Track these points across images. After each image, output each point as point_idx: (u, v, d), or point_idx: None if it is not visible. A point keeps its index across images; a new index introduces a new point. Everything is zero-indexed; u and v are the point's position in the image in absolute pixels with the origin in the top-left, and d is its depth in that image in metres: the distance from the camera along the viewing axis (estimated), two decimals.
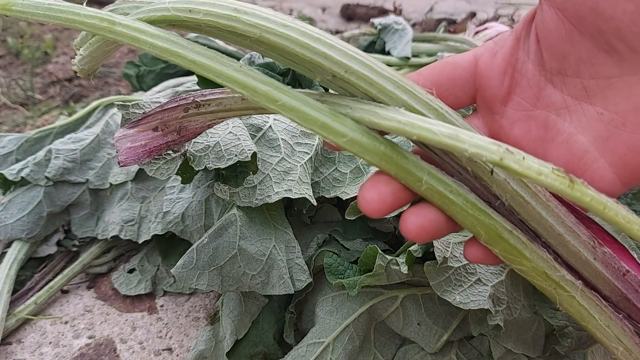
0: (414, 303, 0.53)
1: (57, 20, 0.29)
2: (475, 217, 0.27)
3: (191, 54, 0.27)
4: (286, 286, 0.53)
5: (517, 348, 0.50)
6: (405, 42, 1.17)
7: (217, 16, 0.26)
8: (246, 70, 0.26)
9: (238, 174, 0.51)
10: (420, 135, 0.24)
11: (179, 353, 0.62)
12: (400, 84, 0.27)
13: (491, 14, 2.03)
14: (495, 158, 0.22)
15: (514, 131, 0.30)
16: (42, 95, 1.28)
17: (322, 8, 2.26)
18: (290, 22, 0.26)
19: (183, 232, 0.61)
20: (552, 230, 0.28)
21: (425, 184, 0.27)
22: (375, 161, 0.26)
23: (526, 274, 0.28)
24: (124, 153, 0.36)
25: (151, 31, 0.27)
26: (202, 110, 0.34)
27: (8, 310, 0.65)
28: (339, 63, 0.26)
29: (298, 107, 0.25)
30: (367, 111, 0.26)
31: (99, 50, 0.32)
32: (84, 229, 0.75)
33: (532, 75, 0.29)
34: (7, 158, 0.81)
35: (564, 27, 0.26)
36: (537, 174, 0.22)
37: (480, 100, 0.32)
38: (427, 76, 0.31)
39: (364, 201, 0.28)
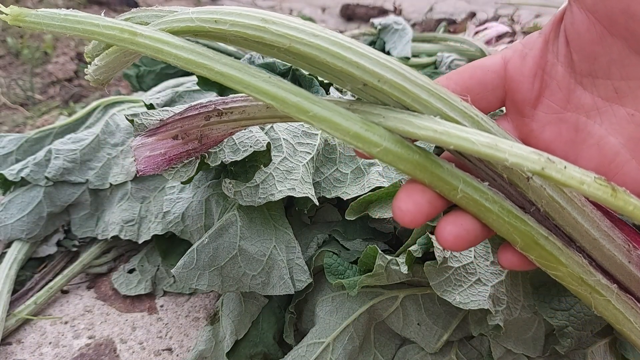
0: (414, 303, 0.53)
1: (74, 32, 0.28)
2: (512, 224, 0.27)
3: (218, 66, 0.26)
4: (286, 286, 0.53)
5: (517, 348, 0.50)
6: (405, 42, 1.17)
7: (245, 27, 0.26)
8: (275, 81, 0.25)
9: (248, 169, 0.51)
10: (458, 144, 0.23)
11: (179, 353, 0.62)
12: (435, 92, 0.26)
13: (491, 14, 2.03)
14: (537, 168, 0.22)
15: (544, 134, 0.30)
16: (42, 96, 1.28)
17: (322, 8, 2.26)
18: (320, 31, 0.25)
19: (183, 232, 0.61)
20: (588, 234, 0.28)
21: (461, 192, 0.26)
22: (409, 170, 0.26)
23: (562, 280, 0.28)
24: (142, 162, 0.35)
25: (175, 42, 0.27)
26: (224, 119, 0.33)
27: (8, 310, 0.65)
28: (371, 72, 0.25)
29: (330, 118, 0.25)
30: (401, 120, 0.25)
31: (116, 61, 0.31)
32: (84, 229, 0.75)
33: (562, 77, 0.29)
34: (7, 158, 0.81)
35: (595, 29, 0.26)
36: (580, 183, 0.22)
37: (510, 103, 0.32)
38: (457, 81, 0.31)
39: (399, 212, 0.27)
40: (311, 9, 2.28)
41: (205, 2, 2.23)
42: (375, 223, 0.60)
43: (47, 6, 1.91)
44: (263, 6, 2.27)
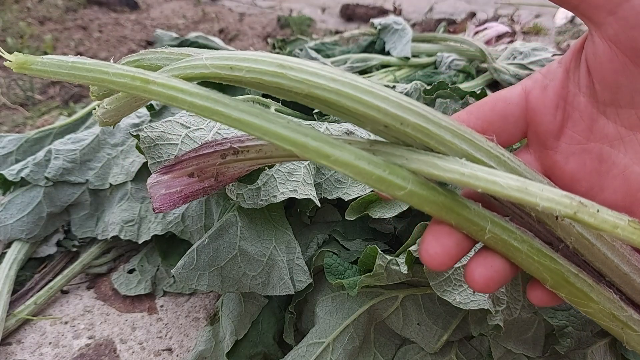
0: (413, 303, 0.53)
1: (83, 80, 0.27)
2: (541, 263, 0.26)
3: (235, 113, 0.25)
4: (286, 287, 0.53)
5: (517, 348, 0.50)
6: (405, 42, 1.17)
7: (262, 73, 0.25)
8: (294, 126, 0.25)
9: (252, 172, 0.51)
10: (487, 187, 0.23)
11: (179, 353, 0.63)
12: (459, 133, 0.26)
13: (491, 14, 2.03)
14: (569, 212, 0.22)
15: (568, 166, 0.29)
16: (42, 96, 1.28)
17: (322, 8, 2.26)
18: (339, 75, 0.25)
19: (183, 232, 0.61)
20: (618, 270, 0.27)
21: (489, 232, 0.26)
22: (435, 212, 0.25)
23: (592, 316, 0.27)
24: (158, 200, 0.34)
25: (190, 90, 0.26)
26: (240, 157, 0.33)
27: (8, 310, 0.64)
28: (393, 116, 0.25)
29: (352, 162, 0.24)
30: (425, 162, 0.25)
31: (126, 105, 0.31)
32: (84, 230, 0.75)
33: (585, 107, 0.28)
34: (7, 158, 0.81)
35: (618, 59, 0.25)
36: (613, 227, 0.22)
37: (532, 135, 0.31)
38: (478, 115, 0.31)
39: (427, 255, 0.27)
40: (311, 9, 2.28)
41: (205, 2, 2.23)
42: (375, 223, 0.60)
43: (46, 6, 1.91)
44: (263, 6, 2.27)
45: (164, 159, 0.51)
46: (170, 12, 2.05)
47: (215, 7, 2.19)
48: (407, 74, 1.13)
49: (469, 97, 0.72)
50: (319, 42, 1.34)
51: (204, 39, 1.20)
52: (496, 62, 1.13)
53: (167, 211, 0.35)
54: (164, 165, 0.35)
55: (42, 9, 1.89)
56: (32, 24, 1.74)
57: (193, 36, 1.21)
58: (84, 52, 1.55)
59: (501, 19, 1.93)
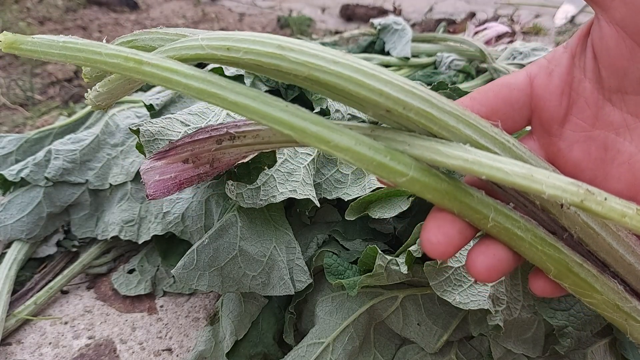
0: (413, 303, 0.53)
1: (75, 60, 0.26)
2: (545, 252, 0.26)
3: (232, 95, 0.24)
4: (286, 287, 0.53)
5: (517, 348, 0.50)
6: (404, 42, 1.17)
7: (260, 54, 0.24)
8: (293, 109, 0.24)
9: (252, 170, 0.51)
10: (491, 174, 0.22)
11: (179, 353, 0.62)
12: (463, 118, 0.25)
13: (490, 14, 2.03)
14: (576, 200, 0.21)
15: (573, 153, 0.29)
16: (42, 96, 1.28)
17: (322, 8, 2.26)
18: (340, 57, 0.24)
19: (183, 232, 0.61)
20: (622, 260, 0.27)
21: (492, 221, 0.25)
22: (438, 199, 0.25)
23: (596, 307, 0.27)
24: (152, 186, 0.34)
25: (185, 71, 0.25)
26: (237, 143, 0.32)
27: (8, 310, 0.64)
28: (396, 100, 0.24)
29: (352, 147, 0.23)
30: (427, 148, 0.24)
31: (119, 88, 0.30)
32: (84, 230, 0.75)
33: (590, 93, 0.28)
34: (6, 158, 0.81)
35: (625, 44, 0.25)
36: (621, 216, 0.21)
37: (536, 122, 0.30)
38: (481, 101, 0.30)
39: (429, 244, 0.26)
40: (311, 9, 2.28)
41: (205, 2, 2.23)
42: (375, 223, 0.60)
43: (46, 6, 1.91)
44: (262, 6, 2.28)
45: None
46: (170, 12, 2.05)
47: (215, 7, 2.19)
48: (407, 74, 1.13)
49: None
50: (318, 42, 1.34)
51: None
52: (496, 62, 1.13)
53: (160, 198, 0.34)
54: (158, 151, 0.34)
55: (42, 9, 1.89)
56: (32, 24, 1.74)
57: None
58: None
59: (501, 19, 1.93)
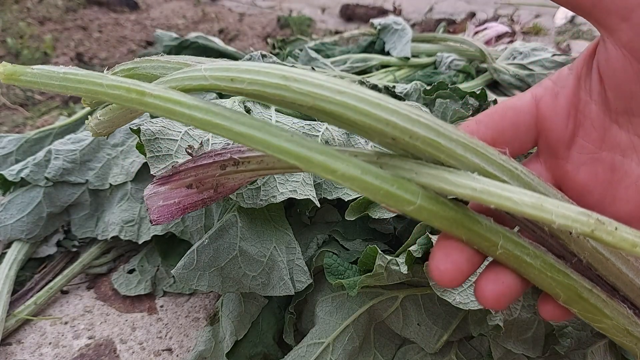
0: (413, 303, 0.53)
1: (76, 92, 0.26)
2: (554, 278, 0.26)
3: (236, 126, 0.24)
4: (286, 287, 0.53)
5: (517, 348, 0.50)
6: (404, 42, 1.17)
7: (264, 85, 0.24)
8: (298, 139, 0.24)
9: None
10: (500, 203, 0.22)
11: (179, 353, 0.63)
12: (471, 147, 0.25)
13: (490, 14, 2.03)
14: (587, 230, 0.21)
15: (580, 176, 0.29)
16: (42, 96, 1.28)
17: (322, 8, 2.26)
18: (345, 87, 0.24)
19: (183, 232, 0.61)
20: (632, 284, 0.27)
21: (501, 248, 0.25)
22: (445, 227, 0.25)
23: (606, 332, 0.27)
24: (155, 212, 0.34)
25: (188, 102, 0.25)
26: (241, 169, 0.32)
27: (8, 310, 0.64)
28: (402, 129, 0.24)
29: (359, 177, 0.23)
30: (435, 177, 0.24)
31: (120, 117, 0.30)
32: (84, 230, 0.75)
33: (596, 115, 0.27)
34: (7, 158, 0.81)
35: (632, 67, 0.24)
36: (632, 246, 0.21)
37: (543, 144, 0.30)
38: (487, 124, 0.30)
39: (438, 272, 0.26)
40: (311, 9, 2.28)
41: (205, 2, 2.23)
42: (375, 223, 0.60)
43: (46, 6, 1.91)
44: (262, 6, 2.27)
45: (164, 154, 0.51)
46: (170, 12, 2.05)
47: (215, 7, 2.19)
48: (407, 74, 1.13)
49: (469, 97, 0.72)
50: (318, 42, 1.34)
51: (203, 39, 1.20)
52: (496, 62, 1.13)
53: (164, 222, 0.34)
54: (161, 176, 0.34)
55: (42, 9, 1.89)
56: (32, 24, 1.74)
57: (193, 36, 1.21)
58: (84, 52, 1.55)
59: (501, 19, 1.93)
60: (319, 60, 1.08)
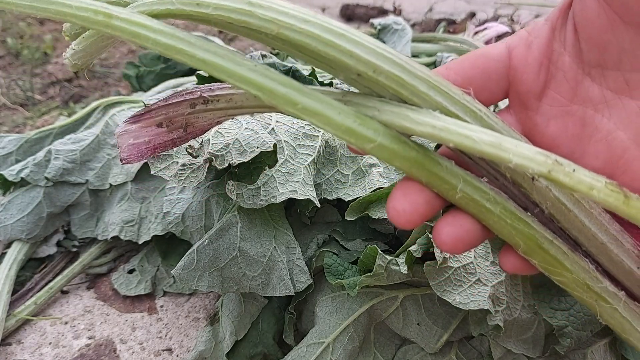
0: (413, 303, 0.53)
1: (45, 13, 0.26)
2: (514, 226, 0.25)
3: (200, 52, 0.24)
4: (286, 287, 0.53)
5: (517, 348, 0.50)
6: (404, 42, 1.17)
7: (229, 10, 0.24)
8: (262, 69, 0.23)
9: (252, 170, 0.51)
10: (459, 142, 0.22)
11: (179, 353, 0.63)
12: (435, 85, 0.25)
13: (491, 14, 2.03)
14: (543, 170, 0.21)
15: (549, 129, 0.28)
16: (42, 96, 1.28)
17: (322, 8, 2.26)
18: (311, 16, 0.23)
19: (183, 232, 0.61)
20: (595, 238, 0.26)
21: (461, 192, 0.25)
22: (406, 168, 0.24)
23: (566, 286, 0.26)
24: (126, 150, 0.33)
25: (154, 26, 0.24)
26: (210, 107, 0.31)
27: (8, 310, 0.64)
28: (366, 62, 0.23)
29: (321, 111, 0.23)
30: (397, 114, 0.24)
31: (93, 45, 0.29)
32: (84, 230, 0.75)
33: (569, 67, 0.27)
34: (7, 159, 0.81)
35: (606, 16, 0.24)
36: (589, 189, 0.21)
37: (513, 95, 0.30)
38: (457, 71, 0.29)
39: (394, 212, 0.26)
40: (311, 9, 2.28)
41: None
42: (375, 223, 0.60)
43: None
44: None
45: (164, 153, 0.51)
46: None
47: None
48: None
49: None
50: None
51: None
52: None
53: (134, 162, 0.33)
54: (133, 114, 0.33)
55: None
56: (32, 24, 1.74)
57: None
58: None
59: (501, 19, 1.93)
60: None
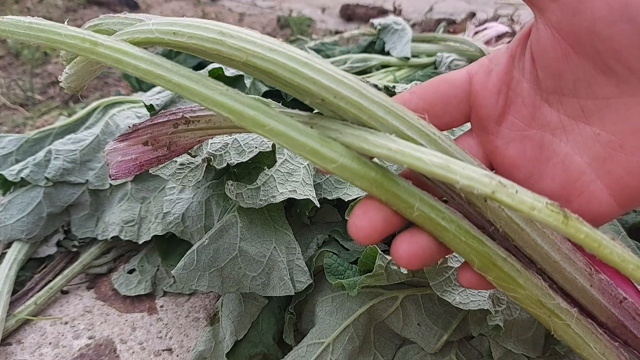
0: (413, 303, 0.53)
1: (37, 40, 0.28)
2: (469, 244, 0.26)
3: (176, 77, 0.26)
4: (286, 287, 0.53)
5: (517, 348, 0.50)
6: (404, 42, 1.17)
7: (202, 39, 0.26)
8: (232, 94, 0.25)
9: (251, 170, 0.51)
10: (411, 164, 0.23)
11: (179, 353, 0.63)
12: (391, 110, 0.26)
13: (491, 14, 2.03)
14: (487, 191, 0.22)
15: (508, 151, 0.29)
16: (42, 96, 1.28)
17: (322, 8, 2.26)
18: (277, 46, 0.25)
19: (183, 232, 0.61)
20: (548, 257, 0.27)
21: (417, 210, 0.26)
22: (365, 187, 0.26)
23: (520, 302, 0.27)
24: (114, 166, 0.35)
25: (134, 53, 0.27)
26: (191, 127, 0.34)
27: (8, 310, 0.65)
28: (327, 88, 0.25)
29: (286, 133, 0.25)
30: (357, 137, 0.25)
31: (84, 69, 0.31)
32: (84, 230, 0.75)
33: (528, 94, 0.28)
34: (7, 159, 0.81)
35: (560, 47, 0.25)
36: (530, 209, 0.22)
37: (474, 119, 0.31)
38: (420, 95, 0.30)
39: (354, 228, 0.27)
40: (311, 9, 2.28)
41: (205, 2, 2.23)
42: None
43: (46, 7, 1.91)
44: (262, 6, 2.27)
45: None
46: (170, 12, 2.06)
47: (215, 7, 2.19)
48: (407, 74, 1.13)
49: None
50: (318, 42, 1.34)
51: None
52: None
53: (122, 178, 0.36)
54: (121, 133, 0.36)
55: (42, 9, 1.89)
56: None
57: None
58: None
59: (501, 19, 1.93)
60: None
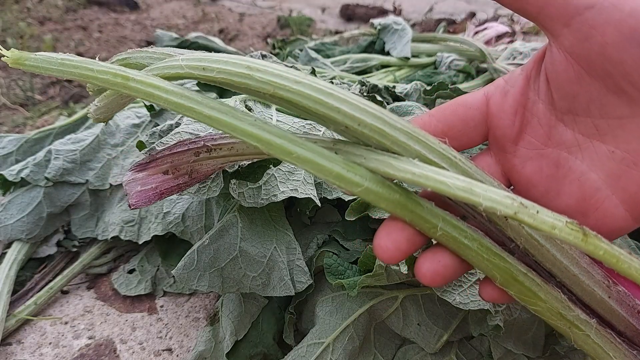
0: (414, 303, 0.53)
1: (70, 76, 0.30)
2: (491, 261, 0.27)
3: (206, 110, 0.27)
4: (287, 288, 0.53)
5: (517, 348, 0.50)
6: (404, 42, 1.17)
7: (231, 74, 0.27)
8: (260, 124, 0.27)
9: (256, 169, 0.52)
10: (435, 187, 0.24)
11: (179, 353, 0.63)
12: (413, 135, 0.27)
13: (491, 14, 2.03)
14: (510, 212, 0.23)
15: (525, 170, 0.30)
16: (42, 96, 1.28)
17: (322, 8, 2.26)
18: (302, 78, 0.26)
19: (183, 232, 0.61)
20: (567, 271, 0.28)
21: (440, 230, 0.27)
22: (390, 209, 0.27)
23: (541, 314, 0.28)
24: (134, 196, 0.36)
25: (166, 87, 0.28)
26: (213, 155, 0.34)
27: (8, 310, 0.65)
28: (351, 117, 0.26)
29: (313, 159, 0.26)
30: (381, 162, 0.26)
31: (113, 102, 0.32)
32: (84, 230, 0.75)
33: (543, 114, 0.29)
34: (7, 159, 0.81)
35: (573, 69, 0.26)
36: (551, 228, 0.23)
37: (492, 139, 0.32)
38: (439, 118, 0.31)
39: (379, 249, 0.28)
40: (311, 9, 2.28)
41: (205, 2, 2.23)
42: (375, 223, 0.60)
43: (46, 7, 1.91)
44: (263, 6, 2.27)
45: None
46: (170, 12, 2.06)
47: (215, 7, 2.19)
48: (407, 74, 1.13)
49: None
50: (318, 42, 1.34)
51: (203, 39, 1.20)
52: (496, 62, 1.13)
53: (142, 207, 0.37)
54: (138, 163, 0.36)
55: (42, 9, 1.89)
56: (32, 24, 1.74)
57: (193, 36, 1.21)
58: (84, 52, 1.55)
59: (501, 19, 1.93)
60: (318, 61, 1.08)
